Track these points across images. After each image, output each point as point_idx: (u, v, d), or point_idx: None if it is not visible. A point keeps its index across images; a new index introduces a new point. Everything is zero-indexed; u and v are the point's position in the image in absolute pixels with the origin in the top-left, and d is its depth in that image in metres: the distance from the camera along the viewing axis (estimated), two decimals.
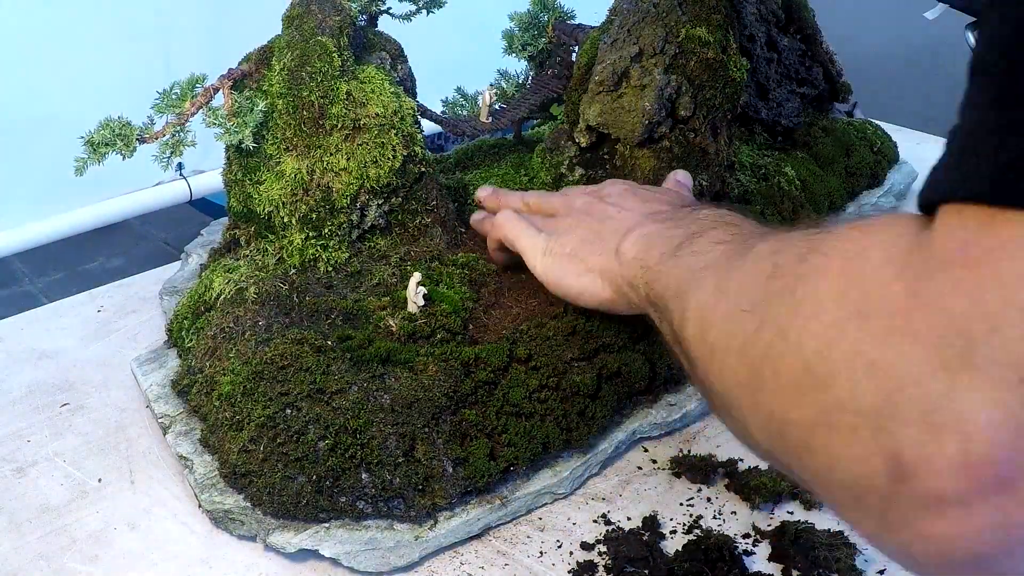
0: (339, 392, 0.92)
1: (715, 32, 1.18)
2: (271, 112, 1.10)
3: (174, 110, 1.05)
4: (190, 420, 1.01)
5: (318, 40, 1.08)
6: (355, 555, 0.86)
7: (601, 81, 1.18)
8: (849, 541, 0.88)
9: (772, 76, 1.50)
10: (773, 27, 1.49)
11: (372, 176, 1.10)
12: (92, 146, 1.00)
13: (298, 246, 1.12)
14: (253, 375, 0.95)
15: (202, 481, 0.93)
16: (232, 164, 1.13)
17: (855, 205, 1.51)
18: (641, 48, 1.18)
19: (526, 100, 1.39)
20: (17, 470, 0.98)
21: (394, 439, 0.90)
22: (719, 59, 1.18)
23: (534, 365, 0.98)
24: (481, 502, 0.92)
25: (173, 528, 0.91)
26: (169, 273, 1.30)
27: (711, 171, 1.21)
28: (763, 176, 1.36)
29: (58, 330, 1.23)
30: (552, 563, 0.87)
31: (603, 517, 0.93)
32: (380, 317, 1.04)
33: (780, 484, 0.94)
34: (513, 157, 1.42)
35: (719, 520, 0.93)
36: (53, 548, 0.89)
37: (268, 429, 0.91)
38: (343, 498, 0.88)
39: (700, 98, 1.18)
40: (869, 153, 1.56)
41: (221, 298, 1.07)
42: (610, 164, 1.23)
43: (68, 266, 3.37)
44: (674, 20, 1.18)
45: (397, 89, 1.13)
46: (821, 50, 1.54)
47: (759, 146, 1.47)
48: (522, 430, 0.94)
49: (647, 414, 1.04)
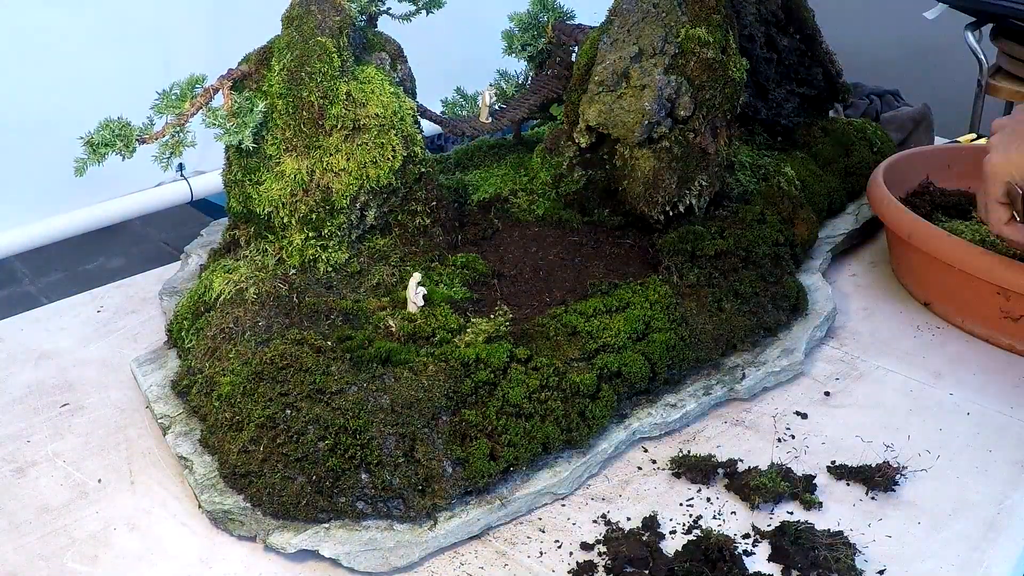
0: (339, 392, 0.92)
1: (715, 32, 1.18)
2: (271, 112, 1.10)
3: (174, 111, 1.05)
4: (190, 420, 1.01)
5: (318, 40, 1.08)
6: (355, 555, 0.86)
7: (601, 81, 1.18)
8: (849, 541, 0.88)
9: (772, 76, 1.50)
10: (773, 27, 1.49)
11: (372, 176, 1.10)
12: (92, 147, 1.00)
13: (298, 246, 1.12)
14: (253, 375, 0.95)
15: (202, 481, 0.93)
16: (232, 164, 1.13)
17: (855, 205, 1.51)
18: (641, 48, 1.18)
19: (526, 100, 1.39)
20: (17, 470, 0.98)
21: (394, 439, 0.90)
22: (719, 59, 1.18)
23: (534, 365, 0.98)
24: (481, 502, 0.92)
25: (173, 528, 0.91)
26: (169, 273, 1.30)
27: (711, 171, 1.21)
28: (763, 176, 1.36)
29: (58, 330, 1.23)
30: (552, 563, 0.87)
31: (603, 517, 0.93)
32: (380, 317, 1.04)
33: (780, 484, 0.94)
34: (513, 157, 1.42)
35: (719, 520, 0.93)
36: (53, 548, 0.89)
37: (268, 429, 0.91)
38: (343, 498, 0.88)
39: (700, 98, 1.18)
40: (869, 153, 1.56)
41: (221, 298, 1.07)
42: (610, 164, 1.23)
43: (68, 266, 3.37)
44: (674, 20, 1.18)
45: (397, 89, 1.13)
46: (821, 50, 1.54)
47: (759, 146, 1.47)
48: (522, 430, 0.94)
49: (647, 414, 1.04)
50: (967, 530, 0.92)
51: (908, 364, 1.17)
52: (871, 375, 1.15)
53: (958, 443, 1.03)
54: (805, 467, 0.99)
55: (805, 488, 0.95)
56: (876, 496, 0.96)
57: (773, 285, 1.19)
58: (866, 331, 1.24)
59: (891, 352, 1.20)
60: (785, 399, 1.10)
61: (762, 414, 1.08)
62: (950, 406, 1.10)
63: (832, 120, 1.59)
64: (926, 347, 1.21)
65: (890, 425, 1.06)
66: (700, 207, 1.23)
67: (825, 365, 1.17)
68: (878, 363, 1.17)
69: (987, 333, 1.22)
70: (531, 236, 1.23)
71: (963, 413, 1.08)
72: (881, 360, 1.18)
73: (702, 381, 1.09)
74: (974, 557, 0.89)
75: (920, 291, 1.31)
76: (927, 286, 1.29)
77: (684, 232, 1.19)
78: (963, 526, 0.92)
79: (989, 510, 0.94)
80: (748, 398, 1.10)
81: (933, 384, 1.14)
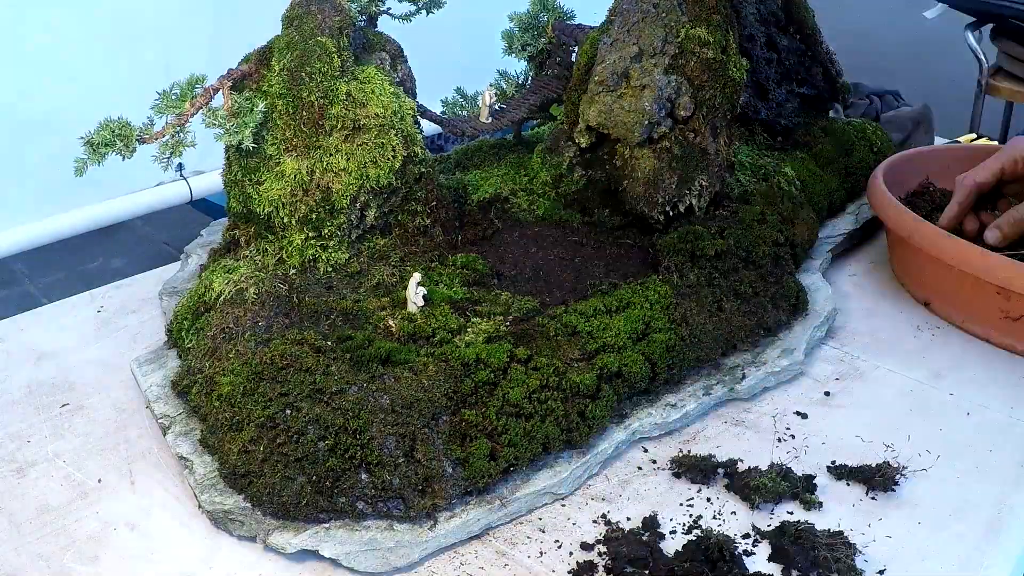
0: (339, 392, 0.92)
1: (715, 32, 1.18)
2: (271, 112, 1.10)
3: (174, 111, 1.05)
4: (190, 420, 1.01)
5: (318, 40, 1.08)
6: (355, 556, 0.86)
7: (601, 81, 1.18)
8: (849, 541, 0.88)
9: (772, 76, 1.50)
10: (773, 27, 1.49)
11: (372, 176, 1.10)
12: (92, 146, 1.00)
13: (298, 246, 1.12)
14: (253, 375, 0.95)
15: (202, 482, 0.93)
16: (232, 165, 1.13)
17: (855, 205, 1.51)
18: (641, 48, 1.18)
19: (526, 100, 1.39)
20: (17, 471, 0.98)
21: (394, 439, 0.90)
22: (719, 59, 1.18)
23: (534, 365, 0.98)
24: (481, 502, 0.92)
25: (173, 528, 0.91)
26: (169, 274, 1.30)
27: (711, 171, 1.21)
28: (763, 176, 1.36)
29: (58, 330, 1.23)
30: (552, 563, 0.87)
31: (603, 517, 0.93)
32: (380, 317, 1.04)
33: (780, 484, 0.94)
34: (513, 157, 1.42)
35: (719, 520, 0.93)
36: (53, 548, 0.89)
37: (268, 430, 0.91)
38: (343, 498, 0.88)
39: (700, 98, 1.18)
40: (869, 153, 1.56)
41: (221, 298, 1.08)
42: (610, 164, 1.23)
43: (68, 266, 3.37)
44: (674, 20, 1.18)
45: (397, 89, 1.13)
46: (821, 50, 1.54)
47: (759, 146, 1.47)
48: (522, 430, 0.94)
49: (647, 414, 1.04)
50: (967, 530, 0.92)
51: (908, 364, 1.17)
52: (871, 375, 1.15)
53: (958, 443, 1.03)
54: (805, 467, 0.99)
55: (805, 488, 0.95)
56: (876, 496, 0.96)
57: (773, 285, 1.19)
58: (866, 331, 1.24)
59: (891, 352, 1.20)
60: (785, 399, 1.10)
61: (762, 414, 1.08)
62: (950, 406, 1.10)
63: (832, 120, 1.59)
64: (926, 347, 1.21)
65: (890, 425, 1.06)
66: (700, 207, 1.23)
67: (825, 365, 1.17)
68: (878, 363, 1.17)
69: (987, 333, 1.22)
70: (531, 236, 1.23)
71: (963, 413, 1.08)
72: (881, 360, 1.18)
73: (702, 381, 1.09)
74: (974, 557, 0.89)
75: (920, 291, 1.31)
76: (927, 286, 1.29)
77: (684, 232, 1.19)
78: (963, 526, 0.92)
79: (989, 510, 0.94)
80: (748, 398, 1.10)
81: (933, 384, 1.14)
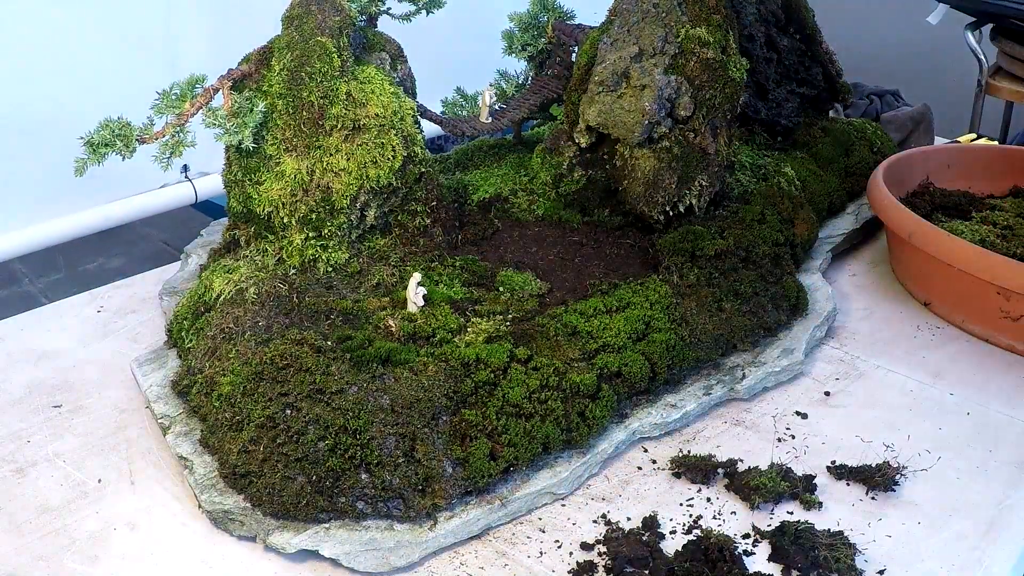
0: (339, 392, 0.92)
1: (715, 32, 1.18)
2: (271, 112, 1.10)
3: (174, 111, 1.05)
4: (190, 420, 1.01)
5: (318, 40, 1.08)
6: (355, 555, 0.86)
7: (601, 81, 1.18)
8: (849, 541, 0.88)
9: (772, 76, 1.50)
10: (773, 27, 1.49)
11: (372, 176, 1.10)
12: (92, 146, 1.00)
13: (298, 246, 1.12)
14: (253, 375, 0.95)
15: (202, 481, 0.93)
16: (232, 165, 1.13)
17: (855, 205, 1.51)
18: (641, 48, 1.18)
19: (526, 100, 1.39)
20: (17, 471, 0.98)
21: (394, 439, 0.90)
22: (719, 59, 1.18)
23: (534, 365, 0.98)
24: (481, 502, 0.92)
25: (173, 528, 0.91)
26: (169, 274, 1.30)
27: (711, 171, 1.21)
28: (763, 176, 1.36)
29: (58, 330, 1.23)
30: (552, 563, 0.87)
31: (603, 517, 0.93)
32: (380, 317, 1.04)
33: (780, 484, 0.94)
34: (513, 157, 1.42)
35: (719, 520, 0.93)
36: (53, 548, 0.89)
37: (268, 429, 0.91)
38: (343, 498, 0.88)
39: (700, 98, 1.18)
40: (869, 153, 1.56)
41: (221, 298, 1.08)
42: (610, 164, 1.23)
43: (68, 266, 3.37)
44: (674, 20, 1.18)
45: (397, 89, 1.13)
46: (821, 50, 1.54)
47: (759, 146, 1.47)
48: (522, 430, 0.94)
49: (647, 414, 1.04)
50: (967, 530, 0.92)
51: (908, 364, 1.17)
52: (871, 375, 1.15)
53: (958, 443, 1.03)
54: (805, 467, 0.99)
55: (805, 488, 0.95)
56: (876, 496, 0.96)
57: (773, 285, 1.19)
58: (866, 331, 1.24)
59: (891, 352, 1.20)
60: (785, 399, 1.10)
61: (762, 414, 1.08)
62: (950, 406, 1.10)
63: (832, 120, 1.59)
64: (926, 347, 1.21)
65: (890, 425, 1.06)
66: (700, 207, 1.23)
67: (825, 365, 1.17)
68: (878, 363, 1.17)
69: (987, 333, 1.22)
70: (531, 236, 1.23)
71: (963, 413, 1.08)
72: (881, 360, 1.18)
73: (702, 381, 1.09)
74: (974, 557, 0.89)
75: (920, 291, 1.31)
76: (927, 286, 1.29)
77: (684, 232, 1.19)
78: (963, 526, 0.92)
79: (989, 510, 0.94)
80: (748, 398, 1.10)
81: (933, 384, 1.14)
